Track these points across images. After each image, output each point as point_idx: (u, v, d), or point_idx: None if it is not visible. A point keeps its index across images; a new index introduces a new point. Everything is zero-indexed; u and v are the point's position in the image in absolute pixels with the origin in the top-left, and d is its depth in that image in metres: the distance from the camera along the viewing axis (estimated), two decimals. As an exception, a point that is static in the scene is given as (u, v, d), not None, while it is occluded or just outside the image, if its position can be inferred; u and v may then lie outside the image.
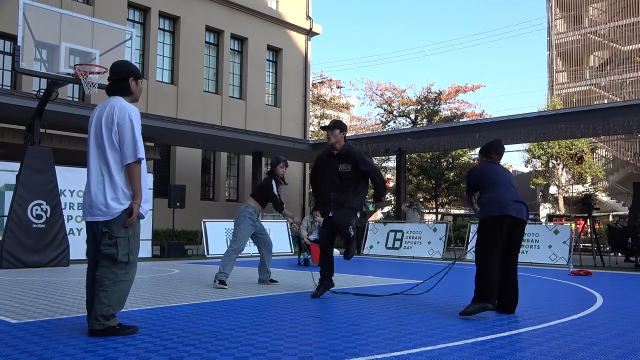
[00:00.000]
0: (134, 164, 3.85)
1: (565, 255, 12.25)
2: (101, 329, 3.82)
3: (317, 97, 37.38)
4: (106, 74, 9.65)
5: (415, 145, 19.32)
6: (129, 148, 3.83)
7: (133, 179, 3.86)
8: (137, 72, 4.13)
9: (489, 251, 5.08)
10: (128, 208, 3.87)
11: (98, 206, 3.85)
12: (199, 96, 21.90)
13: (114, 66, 4.12)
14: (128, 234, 3.89)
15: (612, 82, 35.18)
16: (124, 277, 3.89)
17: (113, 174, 3.85)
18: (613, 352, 3.64)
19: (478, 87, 31.77)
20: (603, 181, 33.41)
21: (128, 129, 3.84)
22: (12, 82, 17.72)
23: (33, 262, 9.63)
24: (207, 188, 22.81)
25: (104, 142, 3.87)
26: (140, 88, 4.14)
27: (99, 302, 3.80)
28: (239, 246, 7.24)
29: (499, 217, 5.10)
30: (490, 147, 5.70)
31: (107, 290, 3.81)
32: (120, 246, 3.84)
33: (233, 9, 23.17)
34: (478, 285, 5.04)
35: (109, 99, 4.03)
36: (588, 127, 15.79)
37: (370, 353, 3.49)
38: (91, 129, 3.98)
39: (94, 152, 3.93)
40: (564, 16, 37.56)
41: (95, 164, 3.91)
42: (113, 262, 3.84)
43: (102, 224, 3.85)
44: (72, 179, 11.64)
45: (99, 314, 3.80)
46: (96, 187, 3.87)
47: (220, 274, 7.08)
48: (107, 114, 3.89)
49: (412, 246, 14.97)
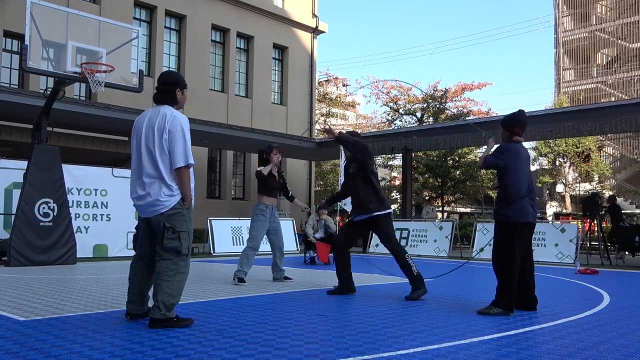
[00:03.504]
0: (184, 168, 4.18)
1: (571, 254, 12.21)
2: (161, 319, 4.10)
3: (323, 96, 37.33)
4: (112, 72, 9.75)
5: (421, 143, 19.26)
6: (180, 153, 4.16)
7: (182, 182, 4.21)
8: (183, 83, 4.45)
9: (514, 257, 5.01)
10: (181, 198, 4.23)
11: (156, 203, 4.17)
12: (205, 94, 21.92)
13: (162, 76, 4.46)
14: (189, 228, 4.25)
15: (620, 80, 34.95)
16: (184, 268, 4.24)
17: (164, 176, 4.18)
18: (620, 351, 3.62)
19: (484, 85, 31.65)
20: (610, 179, 33.24)
21: (180, 136, 4.18)
22: (19, 81, 17.79)
23: (40, 260, 9.68)
24: (213, 186, 22.83)
25: (154, 146, 4.19)
26: (185, 97, 4.48)
27: (161, 291, 4.12)
28: (254, 243, 7.26)
29: (523, 223, 5.07)
30: (513, 121, 5.25)
31: (169, 280, 4.14)
32: (182, 240, 4.19)
33: (239, 8, 23.17)
34: (502, 291, 4.98)
35: (158, 107, 4.36)
36: (595, 125, 15.70)
37: (377, 351, 3.49)
38: (141, 133, 4.28)
39: (145, 155, 4.23)
40: (571, 13, 37.34)
41: (149, 167, 4.22)
42: (176, 254, 4.17)
43: (164, 219, 4.17)
44: (79, 177, 11.70)
45: (161, 302, 4.10)
46: (152, 188, 4.19)
47: (238, 272, 7.12)
48: (159, 121, 4.21)
49: (418, 244, 14.95)
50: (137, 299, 4.41)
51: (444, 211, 31.86)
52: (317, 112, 33.72)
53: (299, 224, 17.16)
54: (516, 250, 5.03)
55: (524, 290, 5.16)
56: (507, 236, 5.07)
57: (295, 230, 15.50)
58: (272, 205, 7.41)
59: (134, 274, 4.41)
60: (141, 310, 4.43)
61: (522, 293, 5.15)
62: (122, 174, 12.36)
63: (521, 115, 5.31)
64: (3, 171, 10.91)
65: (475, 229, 14.10)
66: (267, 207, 7.32)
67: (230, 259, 11.75)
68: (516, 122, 5.26)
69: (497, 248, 5.14)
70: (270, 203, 7.39)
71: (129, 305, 4.42)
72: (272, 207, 7.41)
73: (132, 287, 4.40)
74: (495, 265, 5.15)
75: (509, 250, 5.04)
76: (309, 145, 20.25)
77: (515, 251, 5.03)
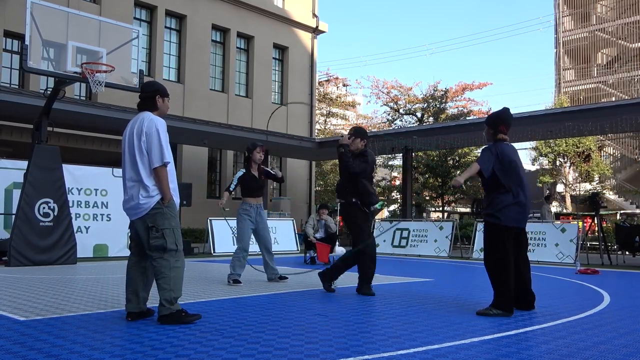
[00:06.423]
0: (160, 167, 4.36)
1: (572, 254, 12.20)
2: (167, 313, 4.30)
3: (324, 95, 37.33)
4: (113, 72, 9.75)
5: (422, 143, 19.27)
6: (156, 154, 4.34)
7: (160, 181, 4.37)
8: (163, 91, 4.65)
9: (506, 257, 4.99)
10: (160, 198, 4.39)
11: (137, 206, 4.38)
12: (205, 94, 21.93)
13: (143, 85, 4.73)
14: (171, 225, 4.41)
15: (620, 80, 34.93)
16: (177, 263, 4.41)
17: (142, 178, 4.37)
18: (620, 351, 3.62)
19: (485, 85, 31.61)
20: (610, 179, 33.23)
21: (155, 137, 4.36)
22: (19, 81, 17.79)
23: (40, 260, 9.68)
24: (214, 186, 22.84)
25: (135, 150, 4.40)
26: (167, 105, 4.68)
27: (161, 289, 4.33)
28: (242, 244, 7.26)
29: (514, 227, 5.07)
30: (498, 118, 5.19)
31: (165, 276, 4.33)
32: (167, 236, 4.36)
33: (239, 8, 23.18)
34: (500, 292, 4.97)
35: (139, 113, 4.56)
36: (595, 125, 15.71)
37: (377, 351, 3.49)
38: (125, 140, 4.51)
39: (128, 161, 4.46)
40: (571, 13, 37.33)
41: (130, 171, 4.44)
42: (164, 251, 4.34)
43: (148, 220, 4.36)
44: (79, 177, 11.69)
45: (163, 299, 4.32)
46: (132, 191, 4.41)
47: (232, 275, 7.13)
48: (138, 126, 4.44)
49: (418, 244, 14.95)
50: (134, 297, 4.52)
51: (444, 211, 31.87)
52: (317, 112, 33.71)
53: (299, 224, 17.16)
54: (508, 250, 5.01)
55: (520, 284, 5.14)
56: (497, 238, 5.04)
57: (296, 230, 15.50)
58: (257, 204, 7.39)
59: (128, 272, 4.59)
60: (139, 308, 4.52)
61: (519, 287, 5.13)
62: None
63: (506, 113, 5.26)
64: (3, 171, 10.91)
65: (475, 229, 14.10)
66: (251, 207, 7.30)
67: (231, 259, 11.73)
68: (501, 119, 5.21)
69: (489, 250, 5.10)
70: (255, 203, 7.36)
71: (127, 304, 4.54)
72: (258, 207, 7.39)
73: (127, 285, 4.56)
74: (488, 267, 5.11)
75: (500, 251, 5.01)
76: (309, 145, 20.26)
77: (508, 251, 5.01)
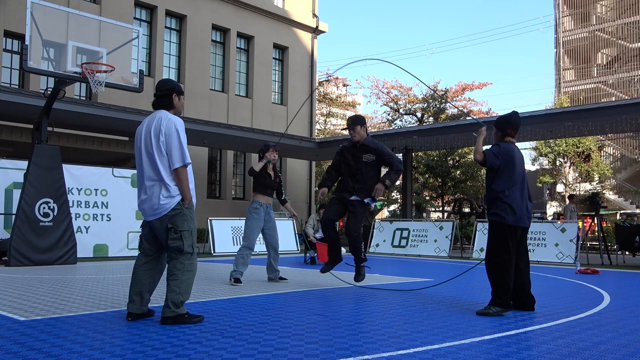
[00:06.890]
0: (181, 168, 4.31)
1: (572, 254, 12.20)
2: (172, 316, 4.26)
3: (324, 95, 37.32)
4: (113, 72, 9.75)
5: (422, 143, 19.27)
6: (176, 154, 4.29)
7: (181, 182, 4.32)
8: (179, 89, 4.59)
9: (508, 257, 5.03)
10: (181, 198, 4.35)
11: (157, 206, 4.32)
12: (206, 94, 21.92)
13: (159, 83, 4.61)
14: (190, 227, 4.37)
15: (620, 80, 34.93)
16: (190, 267, 4.38)
17: (163, 178, 4.31)
18: (620, 351, 3.62)
19: (485, 85, 31.62)
20: (610, 179, 33.22)
21: (175, 137, 4.30)
22: (20, 81, 17.79)
23: (41, 260, 9.68)
24: (214, 186, 22.83)
25: (153, 150, 4.32)
26: (182, 103, 4.63)
27: (170, 290, 4.29)
28: (249, 242, 7.23)
29: (516, 226, 5.09)
30: (506, 122, 5.25)
31: (177, 279, 4.31)
32: (185, 239, 4.33)
33: (239, 8, 23.18)
34: (498, 290, 4.99)
35: (155, 112, 4.51)
36: (595, 125, 15.70)
37: (377, 351, 3.49)
38: (141, 138, 4.44)
39: (146, 160, 4.38)
40: (571, 13, 37.32)
41: (149, 170, 4.37)
42: (180, 253, 4.32)
43: (167, 220, 4.30)
44: (79, 177, 11.70)
45: (171, 301, 4.27)
46: (151, 190, 4.34)
47: (234, 272, 7.11)
48: (155, 125, 4.36)
49: (418, 244, 14.95)
50: (137, 298, 4.46)
51: (444, 211, 31.86)
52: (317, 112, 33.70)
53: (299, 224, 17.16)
54: (510, 250, 5.05)
55: (520, 287, 5.16)
56: (500, 236, 5.09)
57: (296, 230, 15.50)
58: (267, 204, 7.37)
59: (135, 272, 4.51)
60: (141, 310, 4.48)
61: (519, 290, 5.15)
62: (122, 174, 12.38)
63: (514, 117, 5.31)
64: (3, 171, 10.92)
65: (475, 229, 14.10)
66: (261, 206, 7.28)
67: (231, 259, 11.73)
68: (509, 123, 5.26)
69: (491, 247, 5.16)
70: (265, 202, 7.35)
71: (129, 304, 4.48)
72: (267, 206, 7.38)
73: (133, 285, 4.49)
74: (488, 264, 5.15)
75: (502, 249, 5.06)
76: (309, 145, 20.25)
77: (509, 251, 5.05)
